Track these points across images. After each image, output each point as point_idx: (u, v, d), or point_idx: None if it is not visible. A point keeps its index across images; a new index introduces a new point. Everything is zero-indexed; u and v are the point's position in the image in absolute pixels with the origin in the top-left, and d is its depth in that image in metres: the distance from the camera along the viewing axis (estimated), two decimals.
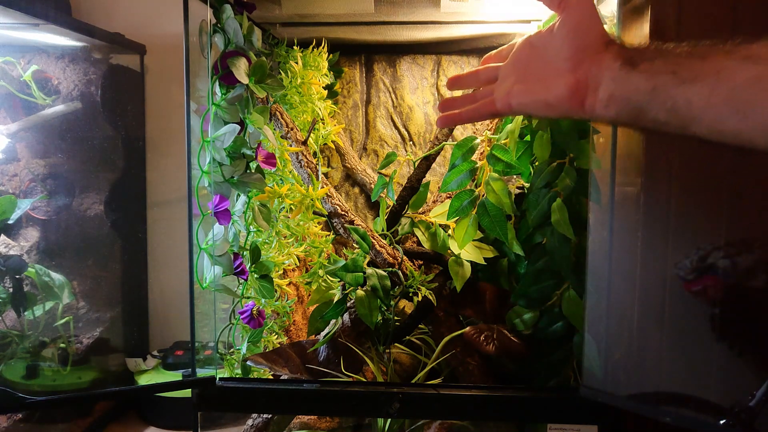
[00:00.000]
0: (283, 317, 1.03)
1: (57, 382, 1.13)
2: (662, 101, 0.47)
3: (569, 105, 0.55)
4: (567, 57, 0.54)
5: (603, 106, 0.52)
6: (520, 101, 0.59)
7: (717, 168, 0.68)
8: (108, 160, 1.22)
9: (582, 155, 0.83)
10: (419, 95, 1.25)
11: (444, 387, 0.81)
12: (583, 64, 0.53)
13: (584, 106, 0.54)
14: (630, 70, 0.50)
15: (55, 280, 1.13)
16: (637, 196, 0.74)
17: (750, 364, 0.68)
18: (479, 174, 0.95)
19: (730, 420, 0.63)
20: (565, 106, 0.55)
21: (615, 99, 0.51)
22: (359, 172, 1.23)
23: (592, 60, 0.53)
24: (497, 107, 0.62)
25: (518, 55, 0.62)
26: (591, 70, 0.52)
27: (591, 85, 0.53)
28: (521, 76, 0.60)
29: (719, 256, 0.68)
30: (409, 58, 1.25)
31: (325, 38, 1.14)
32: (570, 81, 0.54)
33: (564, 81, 0.54)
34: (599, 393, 0.75)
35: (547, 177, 0.86)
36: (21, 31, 1.07)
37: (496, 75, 0.65)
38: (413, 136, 1.25)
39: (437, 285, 0.97)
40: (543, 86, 0.57)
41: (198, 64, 0.81)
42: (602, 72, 0.51)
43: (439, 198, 1.10)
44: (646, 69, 0.49)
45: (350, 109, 1.26)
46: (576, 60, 0.54)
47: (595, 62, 0.52)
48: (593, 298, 0.77)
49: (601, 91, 0.52)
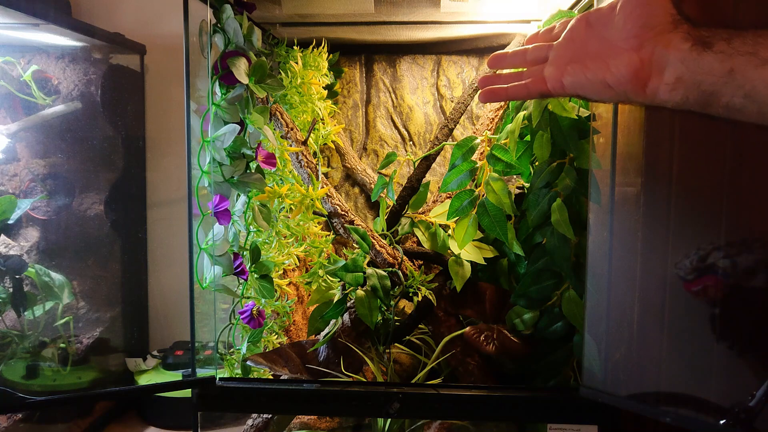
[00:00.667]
0: (283, 317, 1.03)
1: (57, 382, 1.13)
2: (739, 85, 0.44)
3: (630, 86, 0.51)
4: (631, 35, 0.51)
5: (668, 90, 0.49)
6: (576, 80, 0.56)
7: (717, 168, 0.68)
8: (108, 160, 1.22)
9: (582, 155, 0.83)
10: (419, 95, 1.25)
11: (444, 387, 0.81)
12: (648, 44, 0.49)
13: (646, 89, 0.50)
14: (702, 51, 0.46)
15: (55, 280, 1.13)
16: (637, 196, 0.74)
17: (750, 364, 0.68)
18: (479, 174, 0.95)
19: (730, 420, 0.63)
20: (625, 88, 0.52)
21: (683, 82, 0.47)
22: (359, 172, 1.23)
23: (658, 39, 0.49)
24: (548, 86, 0.59)
25: (574, 33, 0.58)
26: (657, 50, 0.49)
27: (656, 67, 0.49)
28: (577, 55, 0.56)
29: (719, 256, 0.68)
30: (409, 58, 1.25)
31: (325, 38, 1.14)
32: (633, 60, 0.50)
33: (626, 60, 0.51)
34: (599, 393, 0.75)
35: (547, 177, 0.86)
36: (21, 31, 1.07)
37: (546, 55, 0.61)
38: (413, 136, 1.25)
39: (437, 285, 0.97)
40: (602, 65, 0.53)
41: (198, 64, 0.81)
42: (670, 52, 0.48)
43: (439, 198, 1.10)
44: (722, 50, 0.45)
45: (350, 109, 1.26)
46: (641, 39, 0.50)
47: (661, 42, 0.49)
48: (593, 298, 0.77)
49: (667, 73, 0.48)
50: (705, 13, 0.54)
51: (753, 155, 0.65)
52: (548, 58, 0.60)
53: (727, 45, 0.45)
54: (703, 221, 0.70)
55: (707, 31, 0.48)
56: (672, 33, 0.49)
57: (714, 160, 0.68)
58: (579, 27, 0.58)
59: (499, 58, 0.67)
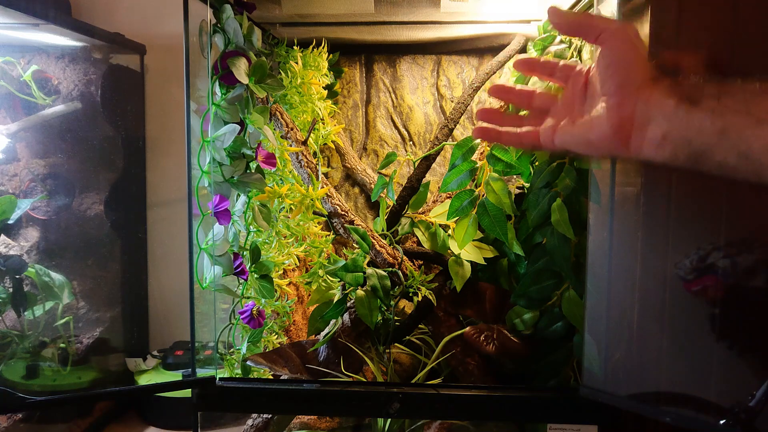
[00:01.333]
0: (283, 317, 1.03)
1: (57, 382, 1.13)
2: (734, 144, 0.43)
3: (612, 144, 0.51)
4: (609, 94, 0.50)
5: (654, 146, 0.48)
6: (563, 139, 0.55)
7: None
8: (108, 160, 1.22)
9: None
10: (419, 95, 1.25)
11: (444, 387, 0.81)
12: (627, 102, 0.49)
13: (629, 147, 0.50)
14: (690, 109, 0.45)
15: (55, 280, 1.13)
16: (637, 196, 0.74)
17: (750, 364, 0.68)
18: (479, 174, 0.95)
19: (730, 420, 0.63)
20: (607, 146, 0.51)
21: (671, 140, 0.46)
22: (359, 172, 1.23)
23: (637, 96, 0.48)
24: (541, 141, 0.58)
25: (571, 91, 0.58)
26: (637, 107, 0.48)
27: (637, 124, 0.48)
28: (569, 113, 0.56)
29: (719, 256, 0.68)
30: (409, 58, 1.25)
31: (325, 38, 1.14)
32: (613, 118, 0.50)
33: (607, 119, 0.50)
34: (599, 393, 0.75)
35: (547, 177, 0.86)
36: (21, 31, 1.07)
37: (549, 108, 0.60)
38: (413, 136, 1.25)
39: (437, 285, 0.97)
40: (586, 124, 0.53)
41: (198, 64, 0.81)
42: (651, 110, 0.47)
43: (439, 198, 1.10)
44: (712, 107, 0.44)
45: (350, 109, 1.26)
46: (619, 97, 0.49)
47: (641, 99, 0.48)
48: (593, 298, 0.77)
49: (651, 130, 0.47)
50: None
51: None
52: (549, 111, 0.60)
53: (717, 102, 0.44)
54: (703, 221, 0.70)
55: (692, 86, 0.47)
56: (652, 89, 0.48)
57: None
58: (576, 86, 0.57)
59: (503, 91, 0.65)
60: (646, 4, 0.73)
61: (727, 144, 0.43)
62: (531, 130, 0.59)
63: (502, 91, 0.64)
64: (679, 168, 0.49)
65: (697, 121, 0.45)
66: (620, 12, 0.74)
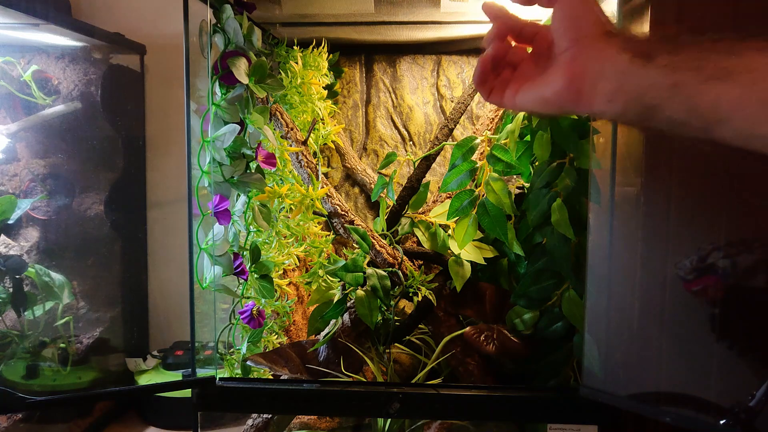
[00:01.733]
0: (283, 317, 1.03)
1: (57, 382, 1.13)
2: (684, 99, 0.43)
3: (565, 99, 0.51)
4: (563, 50, 0.51)
5: (606, 101, 0.48)
6: (522, 99, 0.56)
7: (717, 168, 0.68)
8: (108, 160, 1.22)
9: (582, 155, 0.82)
10: (419, 95, 1.25)
11: (444, 387, 0.81)
12: (580, 57, 0.49)
13: (581, 100, 0.50)
14: (644, 64, 0.45)
15: (55, 280, 1.13)
16: (637, 196, 0.74)
17: (750, 364, 0.68)
18: (479, 174, 0.95)
19: (730, 420, 0.63)
20: (561, 100, 0.52)
21: (623, 94, 0.47)
22: (359, 172, 1.23)
23: (589, 52, 0.49)
24: (503, 100, 0.59)
25: (535, 52, 0.59)
26: (589, 61, 0.49)
27: (589, 78, 0.49)
28: (531, 72, 0.57)
29: (719, 256, 0.68)
30: (409, 58, 1.25)
31: (325, 38, 1.14)
32: (566, 73, 0.50)
33: (560, 74, 0.51)
34: (599, 393, 0.75)
35: (547, 177, 0.86)
36: (21, 31, 1.07)
37: (518, 63, 0.60)
38: (413, 136, 1.25)
39: (437, 285, 0.97)
40: (542, 82, 0.54)
41: (198, 64, 0.81)
42: (604, 64, 0.48)
43: (439, 198, 1.10)
44: (665, 63, 0.44)
45: (350, 109, 1.26)
46: (572, 52, 0.50)
47: (593, 53, 0.48)
48: (593, 298, 0.77)
49: (602, 84, 0.48)
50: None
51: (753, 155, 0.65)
52: (517, 68, 0.60)
53: (670, 58, 0.44)
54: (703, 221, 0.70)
55: (649, 42, 0.47)
56: (605, 45, 0.48)
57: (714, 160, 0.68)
58: (541, 41, 0.58)
59: (494, 9, 0.64)
60: (646, 4, 0.73)
61: (678, 99, 0.44)
62: (497, 91, 0.60)
63: (493, 8, 0.64)
64: (629, 123, 0.50)
65: (650, 76, 0.45)
66: (620, 12, 0.75)
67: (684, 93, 0.43)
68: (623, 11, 0.75)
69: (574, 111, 0.52)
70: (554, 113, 0.61)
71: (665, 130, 0.46)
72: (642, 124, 0.48)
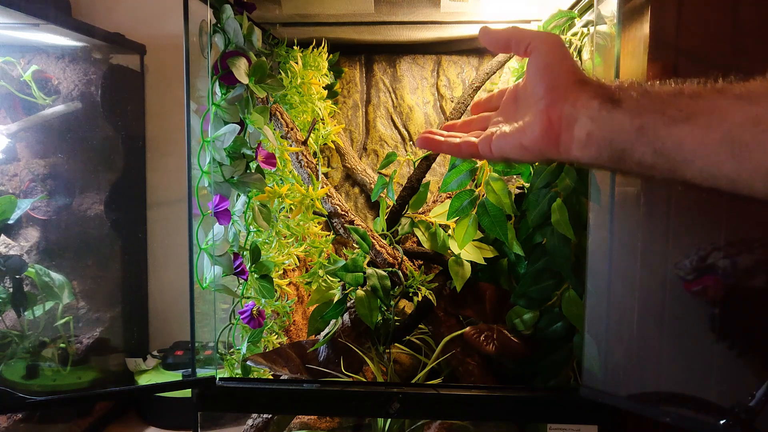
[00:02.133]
0: (283, 317, 1.03)
1: (57, 382, 1.13)
2: (649, 142, 0.44)
3: (542, 146, 0.52)
4: (539, 98, 0.52)
5: (580, 147, 0.49)
6: (499, 146, 0.57)
7: None
8: (108, 160, 1.22)
9: None
10: (419, 95, 1.25)
11: (444, 387, 0.81)
12: (555, 104, 0.51)
13: (558, 147, 0.51)
14: (612, 109, 0.47)
15: (55, 280, 1.13)
16: (637, 196, 0.74)
17: (750, 364, 0.68)
18: (479, 174, 0.95)
19: (730, 420, 0.63)
20: (538, 148, 0.53)
21: (595, 139, 0.48)
22: (359, 172, 1.23)
23: (564, 99, 0.50)
24: (479, 149, 0.60)
25: (505, 102, 0.62)
26: (564, 109, 0.50)
27: (564, 125, 0.50)
28: (504, 122, 0.59)
29: (719, 256, 0.68)
30: (409, 58, 1.25)
31: (325, 38, 1.14)
32: (543, 121, 0.52)
33: (537, 122, 0.52)
34: (599, 393, 0.75)
35: (547, 177, 0.86)
36: (21, 31, 1.07)
37: (487, 125, 0.63)
38: (413, 136, 1.25)
39: (437, 285, 0.97)
40: (519, 130, 0.55)
41: (198, 64, 0.81)
42: (577, 111, 0.49)
43: (439, 198, 1.10)
44: (631, 107, 0.46)
45: (350, 109, 1.26)
46: (547, 100, 0.51)
47: (568, 101, 0.50)
48: (593, 298, 0.77)
49: (576, 130, 0.49)
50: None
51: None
52: (487, 125, 0.63)
53: (637, 102, 0.46)
54: (703, 221, 0.70)
55: (615, 88, 0.49)
56: (578, 92, 0.50)
57: None
58: (509, 95, 0.61)
59: (449, 127, 0.68)
60: (646, 4, 0.73)
61: (644, 142, 0.45)
62: (469, 141, 0.61)
63: (448, 128, 0.67)
64: (604, 168, 0.51)
65: (618, 120, 0.46)
66: (620, 12, 0.75)
67: (649, 135, 0.45)
68: (623, 11, 0.75)
69: (552, 158, 0.54)
70: (532, 161, 0.62)
71: (640, 174, 0.47)
72: (617, 167, 0.49)
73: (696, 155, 0.43)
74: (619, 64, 0.73)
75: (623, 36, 0.74)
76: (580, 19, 0.91)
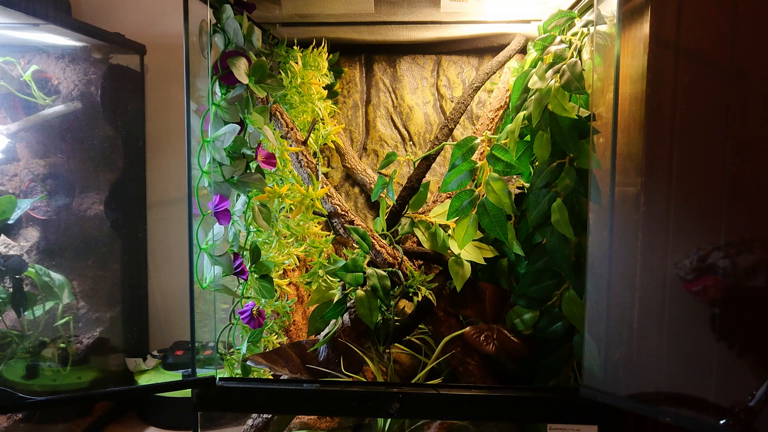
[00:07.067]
0: (283, 317, 1.03)
1: (57, 382, 1.13)
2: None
3: None
4: None
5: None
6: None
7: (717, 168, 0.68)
8: (108, 160, 1.22)
9: (582, 155, 0.83)
10: (419, 95, 1.25)
11: (444, 387, 0.81)
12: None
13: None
14: None
15: (55, 280, 1.13)
16: (637, 196, 0.74)
17: (750, 364, 0.68)
18: (479, 174, 0.95)
19: (730, 420, 0.63)
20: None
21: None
22: (359, 172, 1.23)
23: None
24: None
25: None
26: None
27: None
28: None
29: (719, 256, 0.68)
30: (409, 58, 1.25)
31: (325, 38, 1.14)
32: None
33: None
34: (599, 393, 0.75)
35: (547, 177, 0.86)
36: (21, 31, 1.07)
37: None
38: (413, 136, 1.25)
39: (437, 285, 0.97)
40: None
41: (198, 64, 0.81)
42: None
43: (439, 198, 1.10)
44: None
45: (350, 109, 1.26)
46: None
47: None
48: (593, 298, 0.77)
49: None
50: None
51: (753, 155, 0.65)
52: None
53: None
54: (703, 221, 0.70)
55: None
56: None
57: (714, 160, 0.68)
58: None
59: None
60: (646, 4, 0.73)
61: None
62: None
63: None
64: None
65: None
66: (620, 12, 0.75)
67: None
68: (623, 11, 0.75)
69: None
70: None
71: None
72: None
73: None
74: (619, 64, 0.73)
75: (623, 36, 0.74)
76: (580, 19, 0.91)
